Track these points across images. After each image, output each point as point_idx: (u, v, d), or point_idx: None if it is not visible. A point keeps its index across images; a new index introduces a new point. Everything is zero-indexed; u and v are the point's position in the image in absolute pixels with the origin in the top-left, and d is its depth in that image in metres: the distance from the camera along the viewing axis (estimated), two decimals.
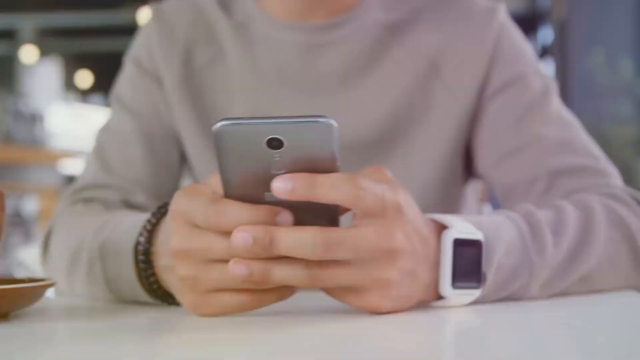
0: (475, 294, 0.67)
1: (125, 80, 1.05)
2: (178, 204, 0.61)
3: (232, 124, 0.54)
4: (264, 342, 0.52)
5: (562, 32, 5.08)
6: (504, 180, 0.94)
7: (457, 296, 0.66)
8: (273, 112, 0.96)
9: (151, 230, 0.70)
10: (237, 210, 0.58)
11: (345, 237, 0.57)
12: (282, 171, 0.56)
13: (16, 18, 9.60)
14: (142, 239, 0.69)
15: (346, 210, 0.60)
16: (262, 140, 0.54)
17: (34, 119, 5.00)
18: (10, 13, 9.49)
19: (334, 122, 0.54)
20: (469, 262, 0.66)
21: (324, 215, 0.59)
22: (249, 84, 0.98)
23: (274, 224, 0.58)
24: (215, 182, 0.62)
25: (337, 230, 0.57)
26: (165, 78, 1.00)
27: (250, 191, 0.57)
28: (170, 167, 1.02)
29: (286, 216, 0.58)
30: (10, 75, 9.27)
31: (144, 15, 7.78)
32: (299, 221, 0.58)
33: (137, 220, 0.73)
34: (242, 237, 0.57)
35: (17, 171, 4.41)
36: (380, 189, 0.59)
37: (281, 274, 0.58)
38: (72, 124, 7.08)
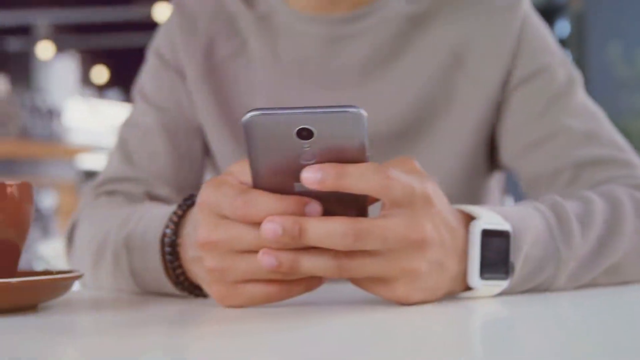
0: (503, 285, 0.66)
1: (148, 74, 1.05)
2: (205, 195, 0.61)
3: (262, 115, 0.54)
4: (292, 333, 0.52)
5: (579, 24, 5.06)
6: (529, 171, 0.94)
7: (485, 287, 0.66)
8: (295, 104, 0.95)
9: (177, 222, 0.69)
10: (266, 201, 0.58)
11: (374, 228, 0.57)
12: (312, 161, 0.56)
13: (32, 14, 9.65)
14: (168, 231, 0.69)
15: (374, 200, 0.60)
16: (292, 130, 0.54)
17: (51, 114, 5.02)
18: (26, 9, 9.53)
19: (363, 112, 0.54)
20: (496, 253, 0.65)
21: (352, 205, 0.59)
22: (271, 76, 0.98)
23: (303, 214, 0.57)
24: (238, 170, 0.62)
25: (366, 220, 0.57)
26: (188, 71, 1.00)
27: (279, 181, 0.57)
28: (193, 160, 1.02)
29: (315, 206, 0.58)
30: (26, 71, 9.32)
31: (158, 10, 7.79)
32: (328, 211, 0.58)
33: (163, 212, 0.73)
34: (271, 228, 0.56)
35: (34, 166, 4.43)
36: (409, 179, 0.59)
37: (309, 264, 0.58)
38: (88, 119, 7.10)
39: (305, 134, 0.54)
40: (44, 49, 9.11)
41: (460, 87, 0.95)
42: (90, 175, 5.11)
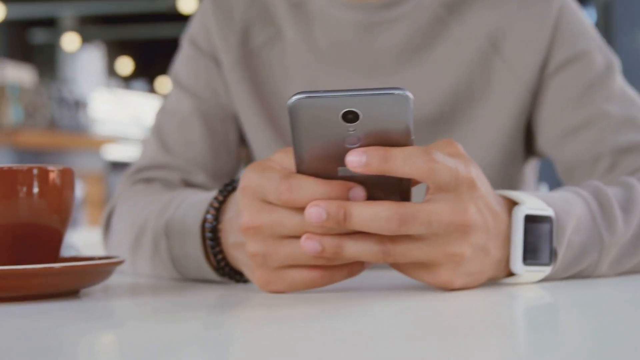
0: (545, 271, 0.66)
1: (183, 61, 1.05)
2: (248, 180, 0.61)
3: (308, 97, 0.53)
4: (334, 319, 0.52)
5: (605, 12, 5.01)
6: (567, 158, 0.93)
7: (528, 273, 0.65)
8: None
9: (218, 207, 0.69)
10: (310, 185, 0.57)
11: (419, 212, 0.57)
12: (356, 145, 0.55)
13: (57, 6, 9.69)
14: (209, 217, 0.69)
15: (417, 183, 0.60)
16: (338, 113, 0.54)
17: (78, 105, 5.04)
18: (51, 1, 9.58)
19: (410, 94, 0.53)
20: (539, 239, 0.65)
21: (395, 189, 0.58)
22: (306, 63, 0.97)
23: (347, 198, 0.57)
24: (280, 157, 0.62)
25: (411, 204, 0.57)
26: (223, 59, 1.00)
27: (323, 166, 0.57)
28: (229, 147, 1.02)
29: (359, 191, 0.58)
30: (52, 62, 9.37)
31: (184, 1, 7.80)
32: (371, 196, 0.58)
33: (203, 198, 0.73)
34: (315, 212, 0.56)
35: (61, 157, 4.46)
36: (454, 162, 0.58)
37: (353, 249, 0.58)
38: (113, 110, 7.14)
39: (350, 116, 0.54)
40: (70, 41, 9.16)
41: (497, 74, 0.94)
42: (116, 165, 5.14)
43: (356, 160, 0.55)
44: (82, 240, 2.99)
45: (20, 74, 4.72)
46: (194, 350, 0.41)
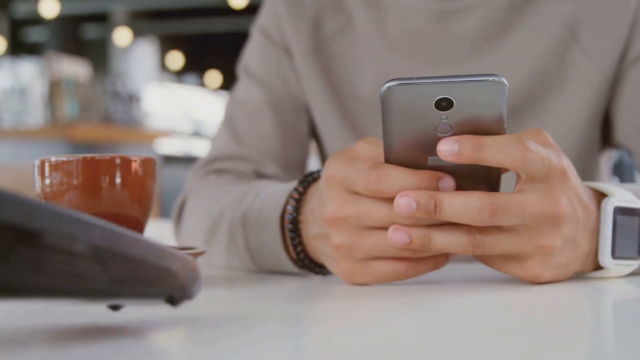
0: (634, 264, 0.64)
1: (253, 51, 1.04)
2: (334, 170, 0.60)
3: (401, 84, 0.52)
4: (419, 311, 0.51)
5: None
6: None
7: (616, 267, 0.63)
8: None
9: (299, 198, 0.68)
10: (399, 175, 0.56)
11: (511, 203, 0.55)
12: (448, 133, 0.54)
13: (109, 1, 9.81)
14: (289, 208, 0.68)
15: (505, 171, 0.59)
16: (431, 100, 0.52)
17: (131, 99, 5.09)
18: None
19: (505, 81, 0.52)
20: (629, 232, 0.63)
21: (484, 179, 0.57)
22: (378, 52, 0.96)
23: (436, 188, 0.56)
24: (363, 148, 0.61)
25: (502, 195, 0.56)
26: (294, 48, 1.00)
27: (413, 154, 0.56)
28: (300, 138, 1.01)
29: (449, 181, 0.57)
30: (104, 57, 9.48)
31: None
32: (460, 185, 0.57)
33: (281, 189, 0.73)
34: (405, 202, 0.55)
35: (115, 150, 4.50)
36: (547, 152, 0.57)
37: (442, 240, 0.57)
38: (165, 104, 7.20)
39: (444, 104, 0.52)
40: (121, 36, 9.26)
41: (575, 63, 0.92)
42: (168, 159, 5.18)
43: (448, 149, 0.54)
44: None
45: (75, 69, 4.78)
46: (275, 344, 0.40)
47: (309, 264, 0.69)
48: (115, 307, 0.40)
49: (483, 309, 0.52)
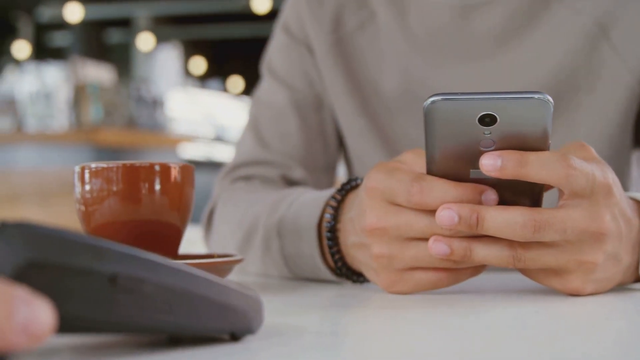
0: None
1: (276, 50, 1.03)
2: (375, 181, 0.60)
3: (445, 100, 0.52)
4: (462, 320, 0.51)
5: None
6: None
7: None
8: (427, 76, 0.92)
9: (337, 206, 0.68)
10: (442, 188, 0.56)
11: (554, 219, 0.55)
12: (491, 148, 0.54)
13: (132, 6, 9.86)
14: (328, 216, 0.68)
15: (549, 188, 0.58)
16: (475, 116, 0.52)
17: (155, 104, 5.11)
18: (125, 1, 9.75)
19: (550, 99, 0.52)
20: None
21: (527, 193, 0.57)
22: (401, 48, 0.94)
23: (479, 202, 0.56)
24: (410, 159, 0.61)
25: (545, 211, 0.55)
26: (315, 45, 0.98)
27: (455, 167, 0.56)
28: (326, 140, 1.00)
29: (492, 195, 0.56)
30: (127, 61, 9.53)
31: (257, 1, 7.85)
32: (501, 199, 0.57)
33: (317, 197, 0.72)
34: (447, 215, 0.55)
35: (139, 155, 4.52)
36: (591, 168, 0.56)
37: (483, 253, 0.57)
38: (188, 109, 7.23)
39: (487, 120, 0.52)
40: (144, 41, 9.31)
41: (605, 61, 0.88)
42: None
43: (491, 163, 0.54)
44: None
45: (99, 73, 4.81)
46: (314, 353, 0.40)
47: (347, 272, 0.69)
48: (174, 340, 0.41)
49: (526, 319, 0.52)
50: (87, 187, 0.64)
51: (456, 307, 0.56)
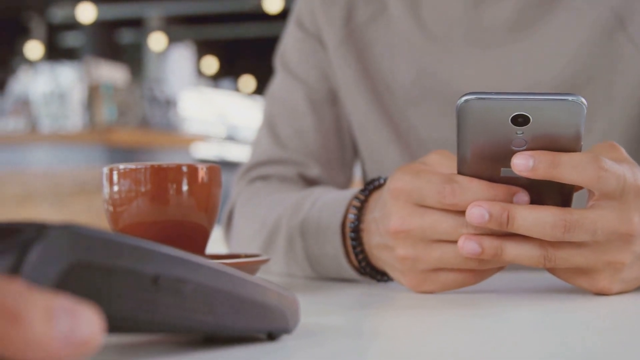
0: None
1: (289, 44, 1.02)
2: (401, 182, 0.60)
3: (478, 99, 0.52)
4: (488, 319, 0.51)
5: None
6: None
7: None
8: (439, 67, 0.91)
9: (360, 207, 0.68)
10: (475, 189, 0.56)
11: (584, 219, 0.55)
12: (522, 148, 0.54)
13: (144, 6, 9.88)
14: (351, 216, 0.68)
15: (580, 189, 0.58)
16: (508, 116, 0.53)
17: (168, 104, 5.13)
18: (138, 2, 9.77)
19: (584, 101, 0.52)
20: None
21: (557, 194, 0.57)
22: (413, 39, 0.93)
23: (510, 202, 0.56)
24: (437, 160, 0.61)
25: (576, 211, 0.55)
26: (327, 39, 0.97)
27: (486, 166, 0.56)
28: (340, 134, 0.99)
29: (524, 196, 0.57)
30: (139, 61, 9.56)
31: (269, 1, 7.86)
32: (532, 198, 0.57)
33: (339, 197, 0.73)
34: (477, 213, 0.55)
35: (153, 154, 4.54)
36: (622, 170, 0.56)
37: (514, 252, 0.57)
38: (201, 109, 7.25)
39: (520, 120, 0.53)
40: (156, 41, 9.32)
41: (623, 54, 0.86)
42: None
43: (523, 163, 0.54)
44: None
45: (113, 74, 4.82)
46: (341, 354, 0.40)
47: (371, 271, 0.69)
48: (210, 339, 0.41)
49: (553, 319, 0.52)
50: (115, 188, 0.64)
51: (484, 308, 0.56)
